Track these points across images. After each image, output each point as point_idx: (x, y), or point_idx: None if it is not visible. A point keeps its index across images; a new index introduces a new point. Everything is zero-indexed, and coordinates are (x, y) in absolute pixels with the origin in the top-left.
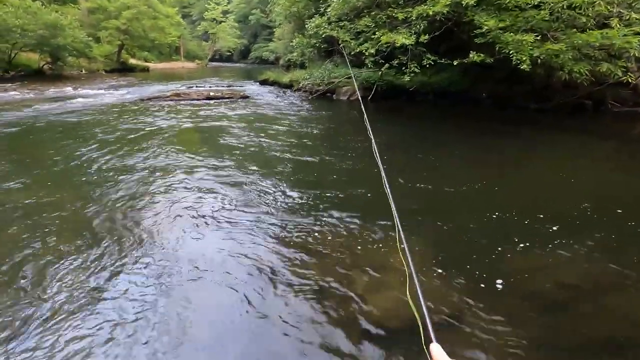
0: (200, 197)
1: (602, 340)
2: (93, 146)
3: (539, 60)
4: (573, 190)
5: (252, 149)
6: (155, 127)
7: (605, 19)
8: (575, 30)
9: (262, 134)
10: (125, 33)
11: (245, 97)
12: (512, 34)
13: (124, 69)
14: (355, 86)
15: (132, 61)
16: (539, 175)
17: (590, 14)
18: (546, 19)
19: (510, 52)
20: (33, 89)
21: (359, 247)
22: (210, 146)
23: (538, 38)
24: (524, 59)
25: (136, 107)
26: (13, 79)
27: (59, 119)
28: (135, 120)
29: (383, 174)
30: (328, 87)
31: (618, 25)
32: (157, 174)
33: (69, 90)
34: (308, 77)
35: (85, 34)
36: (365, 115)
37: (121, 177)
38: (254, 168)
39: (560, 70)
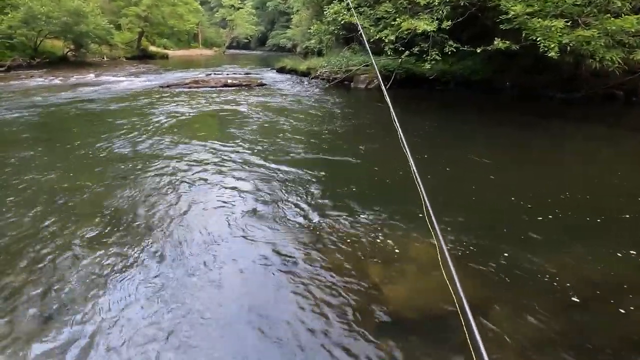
0: (221, 187)
1: (628, 340)
2: (115, 132)
3: (568, 48)
4: (600, 185)
5: (271, 138)
6: (175, 115)
7: None
8: (608, 15)
9: (280, 123)
10: (145, 20)
11: (262, 84)
12: (540, 19)
13: (144, 56)
14: (378, 73)
15: (152, 48)
16: (565, 168)
17: None
18: (578, 3)
19: (538, 39)
20: (57, 75)
21: (384, 238)
22: (230, 135)
23: (568, 24)
24: (552, 46)
25: (157, 94)
26: (38, 65)
27: (83, 105)
28: (156, 108)
29: (412, 163)
30: (346, 75)
31: None
32: (178, 161)
33: (91, 77)
34: (325, 64)
35: (106, 20)
36: (390, 105)
37: (143, 165)
38: (273, 157)
39: (590, 58)
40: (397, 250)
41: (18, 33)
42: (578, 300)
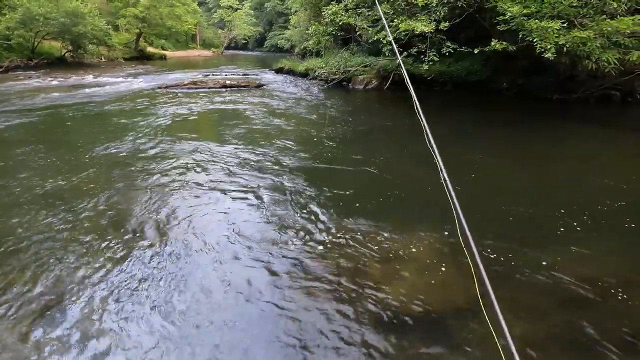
0: (223, 189)
1: (628, 338)
2: (114, 134)
3: (565, 49)
4: (603, 186)
5: (271, 140)
6: (173, 117)
7: (638, 4)
8: (604, 16)
9: (280, 125)
10: (143, 21)
11: (260, 85)
12: (537, 20)
13: (142, 57)
14: (405, 74)
15: (150, 49)
16: (566, 168)
17: None
18: (574, 4)
19: (535, 40)
20: (56, 76)
21: (395, 239)
22: (229, 137)
23: (564, 25)
24: (549, 47)
25: (155, 96)
26: (36, 66)
27: (82, 107)
28: (154, 109)
29: (440, 164)
30: (344, 75)
31: None
32: (178, 164)
33: (90, 78)
34: (324, 65)
35: (104, 21)
36: (417, 105)
37: (142, 167)
38: (275, 160)
39: (586, 59)
40: (412, 251)
41: (16, 34)
42: (579, 299)
